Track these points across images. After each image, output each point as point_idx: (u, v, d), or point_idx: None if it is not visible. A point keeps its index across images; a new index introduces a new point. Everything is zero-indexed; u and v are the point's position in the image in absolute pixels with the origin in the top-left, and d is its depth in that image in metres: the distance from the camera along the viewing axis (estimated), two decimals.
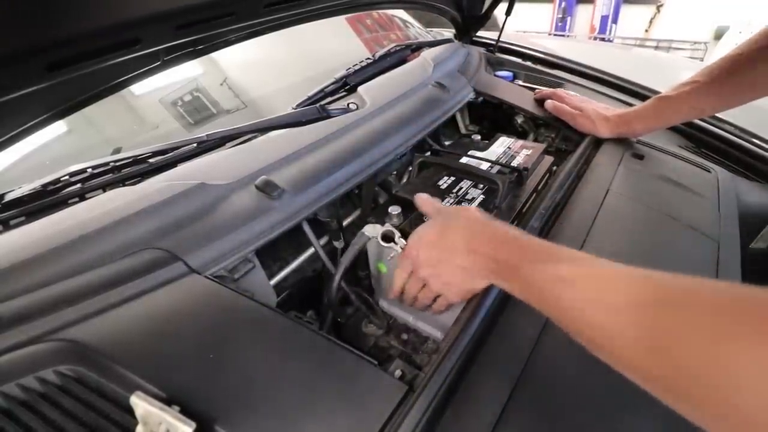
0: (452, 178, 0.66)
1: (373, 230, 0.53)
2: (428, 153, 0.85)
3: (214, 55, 0.91)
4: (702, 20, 4.01)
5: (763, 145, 0.87)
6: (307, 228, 0.59)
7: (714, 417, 0.25)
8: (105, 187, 0.59)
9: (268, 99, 0.99)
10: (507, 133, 0.83)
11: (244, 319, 0.42)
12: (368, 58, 0.98)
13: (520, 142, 0.79)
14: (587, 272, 0.35)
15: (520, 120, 0.97)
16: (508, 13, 1.12)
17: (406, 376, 0.40)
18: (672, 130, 0.91)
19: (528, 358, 0.42)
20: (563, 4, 4.84)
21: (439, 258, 0.46)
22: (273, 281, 0.60)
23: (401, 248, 0.51)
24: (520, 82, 1.09)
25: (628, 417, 0.38)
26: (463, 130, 1.03)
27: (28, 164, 0.71)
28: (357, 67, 0.94)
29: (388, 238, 0.52)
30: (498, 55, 1.20)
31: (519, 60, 1.19)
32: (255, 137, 0.71)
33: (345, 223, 0.73)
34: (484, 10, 1.14)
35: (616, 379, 0.31)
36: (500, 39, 1.19)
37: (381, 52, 1.02)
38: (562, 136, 0.90)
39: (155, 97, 0.88)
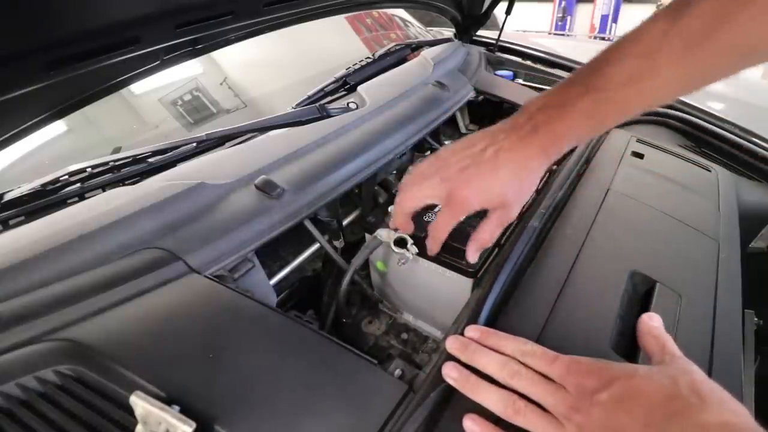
0: None
1: (387, 235, 0.53)
2: (428, 152, 0.85)
3: (214, 54, 0.91)
4: None
5: (764, 144, 0.87)
6: (311, 226, 0.59)
7: None
8: (104, 187, 0.59)
9: (268, 98, 0.99)
10: None
11: (244, 318, 0.42)
12: (368, 58, 0.98)
13: None
14: None
15: None
16: (508, 12, 1.12)
17: (406, 376, 0.40)
18: (672, 129, 0.91)
19: None
20: (563, 3, 4.83)
21: None
22: (273, 281, 0.59)
23: (413, 255, 0.51)
24: (521, 81, 1.08)
25: None
26: (463, 130, 1.03)
27: (28, 164, 0.71)
28: (357, 67, 0.94)
29: (401, 243, 0.52)
30: (498, 54, 1.20)
31: (519, 59, 1.19)
32: (255, 137, 0.71)
33: (345, 222, 0.73)
34: (483, 10, 1.14)
35: None
36: (500, 38, 1.19)
37: (381, 51, 1.02)
38: None
39: (155, 97, 0.88)
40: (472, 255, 0.46)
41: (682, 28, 0.33)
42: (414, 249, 0.51)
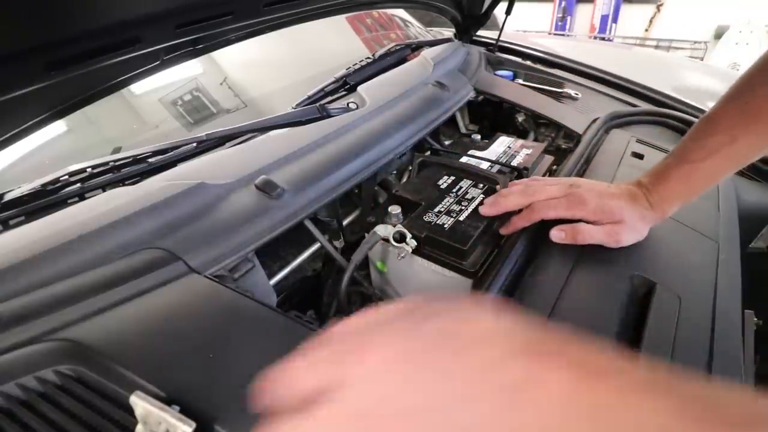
0: (452, 178, 0.66)
1: (384, 230, 0.53)
2: (428, 152, 0.85)
3: (214, 54, 0.91)
4: (702, 20, 4.01)
5: None
6: (311, 226, 0.59)
7: None
8: (105, 187, 0.59)
9: (268, 98, 0.99)
10: (507, 133, 0.83)
11: (244, 318, 0.42)
12: (368, 58, 0.98)
13: (520, 141, 0.79)
14: None
15: (521, 118, 0.97)
16: (508, 12, 1.12)
17: None
18: (672, 129, 0.91)
19: None
20: (563, 3, 4.83)
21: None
22: (273, 281, 0.59)
23: (412, 249, 0.51)
24: (521, 82, 1.08)
25: None
26: (463, 130, 1.03)
27: (28, 164, 0.71)
28: (357, 67, 0.94)
29: (400, 238, 0.52)
30: (498, 54, 1.20)
31: (519, 59, 1.19)
32: (255, 137, 0.71)
33: (345, 222, 0.73)
34: (483, 10, 1.14)
35: None
36: (500, 38, 1.19)
37: (381, 51, 1.02)
38: (562, 135, 0.90)
39: (155, 97, 0.88)
40: (556, 234, 0.52)
41: (748, 106, 0.47)
42: (413, 243, 0.51)
